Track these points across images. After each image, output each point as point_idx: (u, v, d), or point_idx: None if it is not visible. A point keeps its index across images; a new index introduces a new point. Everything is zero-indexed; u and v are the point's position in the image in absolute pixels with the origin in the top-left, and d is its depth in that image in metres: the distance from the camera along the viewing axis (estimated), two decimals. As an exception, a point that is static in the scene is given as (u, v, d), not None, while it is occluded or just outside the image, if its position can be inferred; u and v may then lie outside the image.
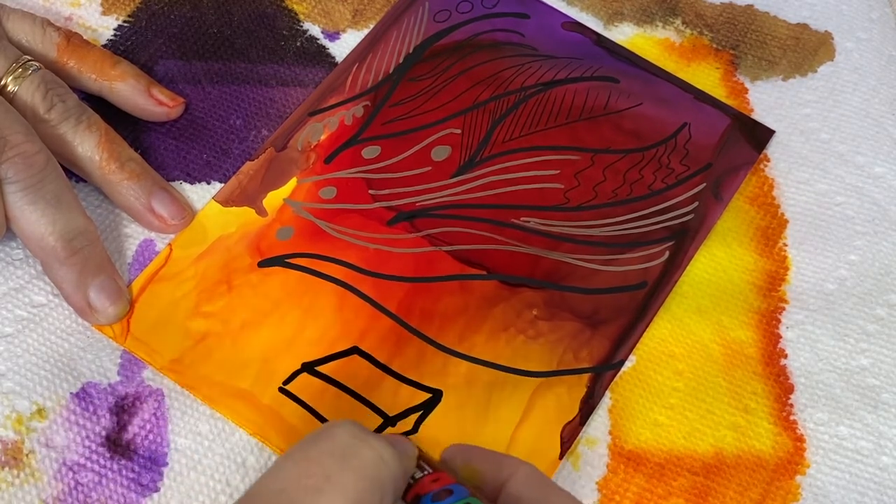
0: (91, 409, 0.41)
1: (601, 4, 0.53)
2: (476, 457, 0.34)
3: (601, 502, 0.40)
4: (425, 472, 0.32)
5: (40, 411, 0.40)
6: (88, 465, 0.40)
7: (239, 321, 0.43)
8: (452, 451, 0.34)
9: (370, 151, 0.47)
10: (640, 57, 0.51)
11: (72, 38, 0.46)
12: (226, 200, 0.46)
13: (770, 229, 0.47)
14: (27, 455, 0.40)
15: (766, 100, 0.50)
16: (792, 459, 0.42)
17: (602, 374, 0.43)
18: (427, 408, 0.42)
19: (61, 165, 0.42)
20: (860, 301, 0.45)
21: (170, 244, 0.44)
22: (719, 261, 0.46)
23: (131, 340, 0.42)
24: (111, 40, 0.49)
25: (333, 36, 0.51)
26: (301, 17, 0.51)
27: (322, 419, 0.41)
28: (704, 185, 0.47)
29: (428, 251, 0.45)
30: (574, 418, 0.42)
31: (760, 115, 0.50)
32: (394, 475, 0.31)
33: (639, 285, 0.45)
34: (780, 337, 0.44)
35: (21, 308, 0.43)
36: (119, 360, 0.42)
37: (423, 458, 0.33)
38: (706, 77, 0.51)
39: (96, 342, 0.42)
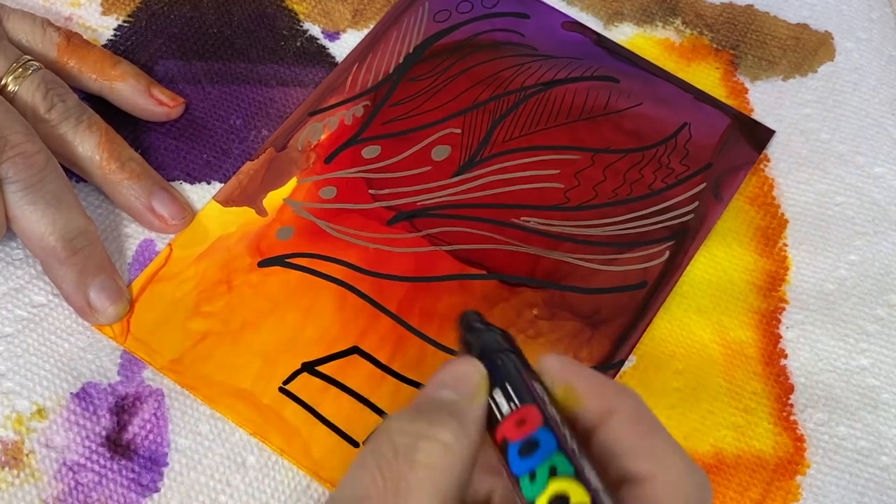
0: (91, 409, 0.41)
1: (601, 4, 0.53)
2: (578, 377, 0.30)
3: (601, 502, 0.40)
4: (511, 404, 0.30)
5: (40, 411, 0.40)
6: (88, 465, 0.40)
7: (239, 321, 0.43)
8: (552, 362, 0.31)
9: (370, 151, 0.47)
10: (640, 57, 0.51)
11: (72, 38, 0.46)
12: (226, 200, 0.46)
13: (770, 229, 0.47)
14: (27, 455, 0.40)
15: (766, 100, 0.50)
16: (792, 459, 0.42)
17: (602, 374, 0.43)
18: (427, 408, 0.41)
19: (61, 165, 0.42)
20: (860, 301, 0.45)
21: (170, 244, 0.44)
22: (719, 261, 0.46)
23: (131, 340, 0.42)
24: (111, 40, 0.49)
25: (333, 36, 0.51)
26: (301, 17, 0.51)
27: (322, 419, 0.41)
28: (704, 185, 0.47)
29: (428, 251, 0.45)
30: (574, 418, 0.42)
31: (760, 115, 0.50)
32: (461, 451, 0.29)
33: (639, 285, 0.45)
34: (780, 337, 0.44)
35: (21, 308, 0.43)
36: (119, 360, 0.42)
37: (521, 361, 0.31)
38: (706, 77, 0.51)
39: (96, 342, 0.42)
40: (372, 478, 0.29)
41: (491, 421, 0.30)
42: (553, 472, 0.28)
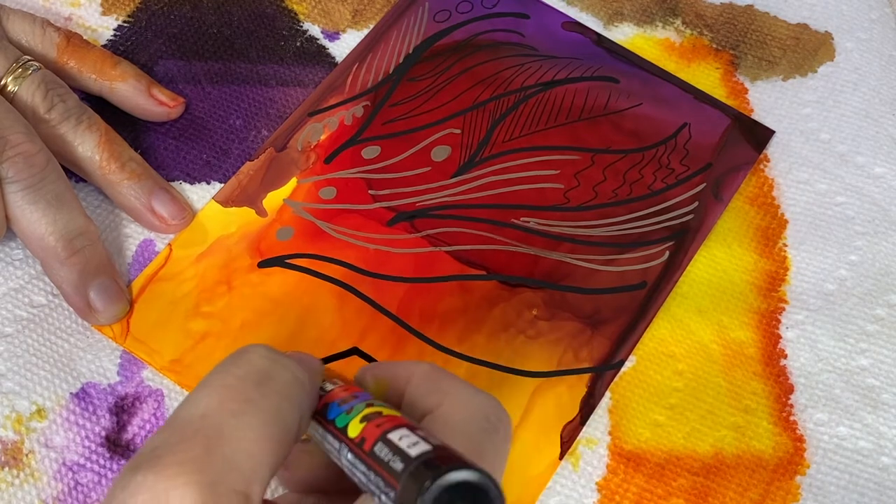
0: (91, 409, 0.41)
1: (601, 4, 0.53)
2: (381, 369, 0.35)
3: (601, 502, 0.40)
4: (336, 385, 0.33)
5: (40, 411, 0.40)
6: (88, 465, 0.40)
7: (239, 321, 0.43)
8: (362, 371, 0.35)
9: (370, 151, 0.47)
10: (640, 57, 0.51)
11: (72, 39, 0.46)
12: (226, 200, 0.46)
13: (770, 229, 0.47)
14: (27, 455, 0.40)
15: (766, 100, 0.50)
16: (792, 460, 0.42)
17: (602, 374, 0.43)
18: (427, 408, 0.42)
19: (61, 165, 0.42)
20: (860, 301, 0.45)
21: (170, 244, 0.44)
22: (719, 261, 0.46)
23: (131, 340, 0.42)
24: (111, 40, 0.49)
25: (333, 36, 0.51)
26: (301, 17, 0.51)
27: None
28: (704, 185, 0.47)
29: (428, 251, 0.45)
30: (574, 418, 0.42)
31: (760, 115, 0.50)
32: (309, 392, 0.32)
33: (639, 285, 0.45)
34: (780, 337, 0.44)
35: (21, 308, 0.43)
36: (119, 361, 0.42)
37: (337, 377, 0.35)
38: (706, 77, 0.51)
39: (96, 342, 0.42)
40: (217, 397, 0.30)
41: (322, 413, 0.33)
42: (369, 406, 0.31)
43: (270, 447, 0.29)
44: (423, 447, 0.28)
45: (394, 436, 0.29)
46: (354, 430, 0.30)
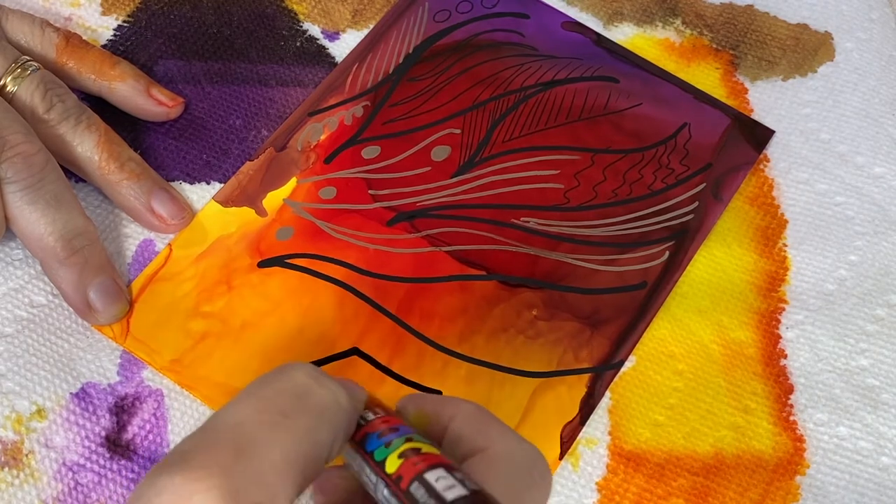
0: (91, 409, 0.41)
1: (601, 4, 0.53)
2: (425, 402, 0.34)
3: (601, 502, 0.40)
4: (378, 415, 0.33)
5: (40, 411, 0.40)
6: (88, 465, 0.40)
7: (239, 321, 0.43)
8: (405, 400, 0.35)
9: (370, 151, 0.47)
10: (640, 57, 0.51)
11: (71, 39, 0.46)
12: (225, 200, 0.46)
13: (770, 229, 0.47)
14: (27, 455, 0.40)
15: (766, 100, 0.50)
16: (792, 460, 0.42)
17: (602, 374, 0.43)
18: (427, 408, 0.42)
19: (61, 166, 0.42)
20: (860, 301, 0.45)
21: (169, 244, 0.44)
22: (719, 261, 0.46)
23: (131, 340, 0.42)
24: (111, 40, 0.49)
25: (333, 36, 0.51)
26: (301, 17, 0.51)
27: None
28: (704, 185, 0.47)
29: (428, 251, 0.45)
30: (574, 418, 0.42)
31: (760, 115, 0.50)
32: (347, 417, 0.31)
33: (639, 285, 0.45)
34: (780, 337, 0.44)
35: (21, 308, 0.43)
36: (119, 361, 0.42)
37: (378, 405, 0.34)
38: (706, 77, 0.51)
39: (96, 342, 0.42)
40: (253, 408, 0.29)
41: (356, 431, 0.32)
42: (409, 440, 0.30)
43: (299, 465, 0.29)
44: (460, 491, 0.27)
45: (431, 476, 0.28)
46: (392, 465, 0.30)
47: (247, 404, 0.30)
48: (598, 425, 0.42)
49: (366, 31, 0.51)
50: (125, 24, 0.50)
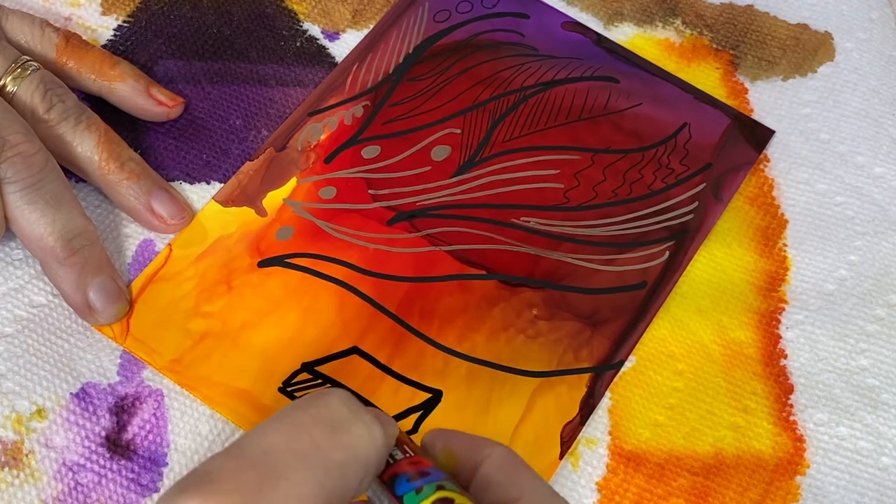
0: (91, 409, 0.41)
1: (601, 4, 0.53)
2: (454, 440, 0.33)
3: (601, 502, 0.40)
4: (406, 455, 0.32)
5: (40, 411, 0.40)
6: (88, 465, 0.40)
7: (239, 321, 0.43)
8: (432, 435, 0.34)
9: (370, 151, 0.47)
10: (640, 57, 0.51)
11: (71, 39, 0.46)
12: (225, 200, 0.46)
13: (770, 229, 0.47)
14: (27, 455, 0.40)
15: (766, 100, 0.50)
16: (792, 460, 0.42)
17: (602, 374, 0.43)
18: (427, 408, 0.42)
19: (60, 166, 0.42)
20: (860, 301, 0.45)
21: (169, 244, 0.44)
22: (719, 261, 0.46)
23: (131, 340, 0.42)
24: (111, 40, 0.49)
25: (333, 36, 0.51)
26: (301, 17, 0.51)
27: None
28: (704, 185, 0.47)
29: (428, 251, 0.45)
30: (574, 418, 0.42)
31: (760, 115, 0.50)
32: (379, 455, 0.31)
33: (639, 285, 0.45)
34: (780, 337, 0.44)
35: (21, 308, 0.43)
36: (119, 361, 0.42)
37: (405, 443, 0.34)
38: (706, 77, 0.51)
39: (96, 342, 0.42)
40: (285, 435, 0.29)
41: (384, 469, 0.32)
42: (440, 489, 0.30)
43: (324, 501, 0.28)
44: None
45: None
46: None
47: (280, 429, 0.29)
48: (598, 425, 0.42)
49: (366, 31, 0.51)
50: (125, 24, 0.50)
